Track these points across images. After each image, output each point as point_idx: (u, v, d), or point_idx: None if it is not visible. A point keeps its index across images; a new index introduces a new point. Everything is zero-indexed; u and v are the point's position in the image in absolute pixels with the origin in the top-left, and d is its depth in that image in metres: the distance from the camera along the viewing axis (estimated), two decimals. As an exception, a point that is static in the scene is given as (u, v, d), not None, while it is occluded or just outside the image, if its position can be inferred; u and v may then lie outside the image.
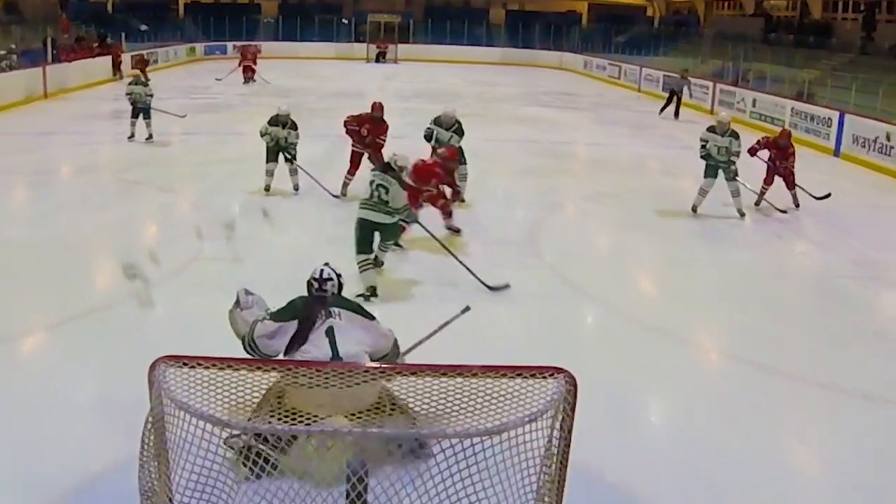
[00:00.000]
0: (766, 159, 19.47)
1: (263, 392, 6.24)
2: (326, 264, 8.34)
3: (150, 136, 26.63)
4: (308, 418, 5.84)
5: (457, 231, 16.54)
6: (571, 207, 19.44)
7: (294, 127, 19.88)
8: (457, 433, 5.44)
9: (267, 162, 19.82)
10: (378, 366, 6.07)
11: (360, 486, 5.44)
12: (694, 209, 19.21)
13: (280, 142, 19.55)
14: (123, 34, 53.19)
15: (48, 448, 8.76)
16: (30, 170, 23.15)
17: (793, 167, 19.48)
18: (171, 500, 6.24)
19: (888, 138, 25.49)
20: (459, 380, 5.65)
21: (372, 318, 8.24)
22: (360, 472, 5.44)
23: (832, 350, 12.09)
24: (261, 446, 6.57)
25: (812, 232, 18.62)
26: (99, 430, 9.02)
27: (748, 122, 34.21)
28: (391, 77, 49.68)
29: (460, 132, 19.12)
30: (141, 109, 26.12)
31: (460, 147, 18.63)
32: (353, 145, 20.14)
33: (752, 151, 19.62)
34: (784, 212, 19.48)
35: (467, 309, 9.23)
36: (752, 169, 19.75)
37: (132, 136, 26.50)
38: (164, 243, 15.71)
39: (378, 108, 20.11)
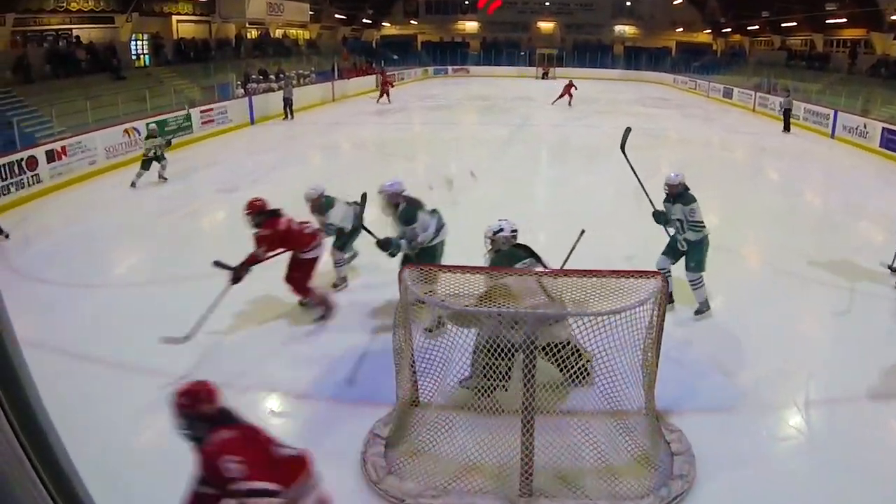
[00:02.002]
0: None
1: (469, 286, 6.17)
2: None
3: (164, 179, 17.83)
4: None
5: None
6: (665, 169, 18.66)
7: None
8: (593, 312, 5.62)
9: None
10: (549, 269, 5.95)
11: (531, 347, 5.43)
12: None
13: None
14: (382, 61, 53.68)
15: (339, 319, 8.97)
16: (324, 146, 23.46)
17: None
18: (412, 355, 6.27)
19: (865, 126, 25.09)
20: (594, 279, 5.79)
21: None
22: (532, 337, 5.41)
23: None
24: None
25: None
26: (368, 309, 9.11)
27: (777, 115, 32.30)
28: (550, 88, 48.97)
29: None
30: (155, 157, 17.56)
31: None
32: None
33: None
34: None
35: (583, 232, 8.34)
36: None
37: (134, 184, 17.24)
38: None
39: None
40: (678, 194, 9.28)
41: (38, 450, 1.76)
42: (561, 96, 37.50)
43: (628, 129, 10.56)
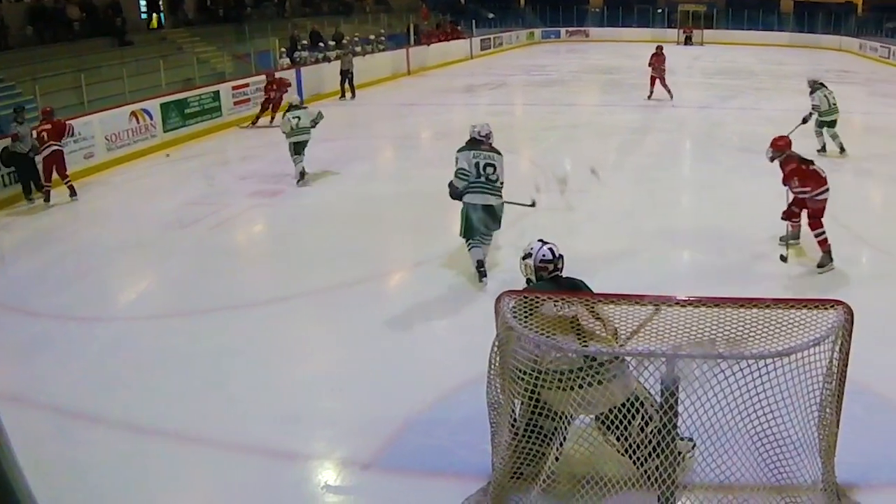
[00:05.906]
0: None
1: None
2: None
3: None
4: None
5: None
6: (848, 166, 18.42)
7: None
8: (753, 355, 5.49)
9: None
10: (698, 297, 5.92)
11: (671, 400, 5.43)
12: None
13: None
14: (473, 21, 53.91)
15: (411, 365, 8.95)
16: (396, 134, 23.70)
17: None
18: (513, 411, 6.33)
19: None
20: (755, 310, 5.74)
21: None
22: (672, 388, 5.42)
23: None
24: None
25: None
26: (451, 352, 9.11)
27: None
28: (697, 57, 48.53)
29: None
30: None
31: None
32: None
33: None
34: None
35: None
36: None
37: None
38: (507, 195, 15.71)
39: None
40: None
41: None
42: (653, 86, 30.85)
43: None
